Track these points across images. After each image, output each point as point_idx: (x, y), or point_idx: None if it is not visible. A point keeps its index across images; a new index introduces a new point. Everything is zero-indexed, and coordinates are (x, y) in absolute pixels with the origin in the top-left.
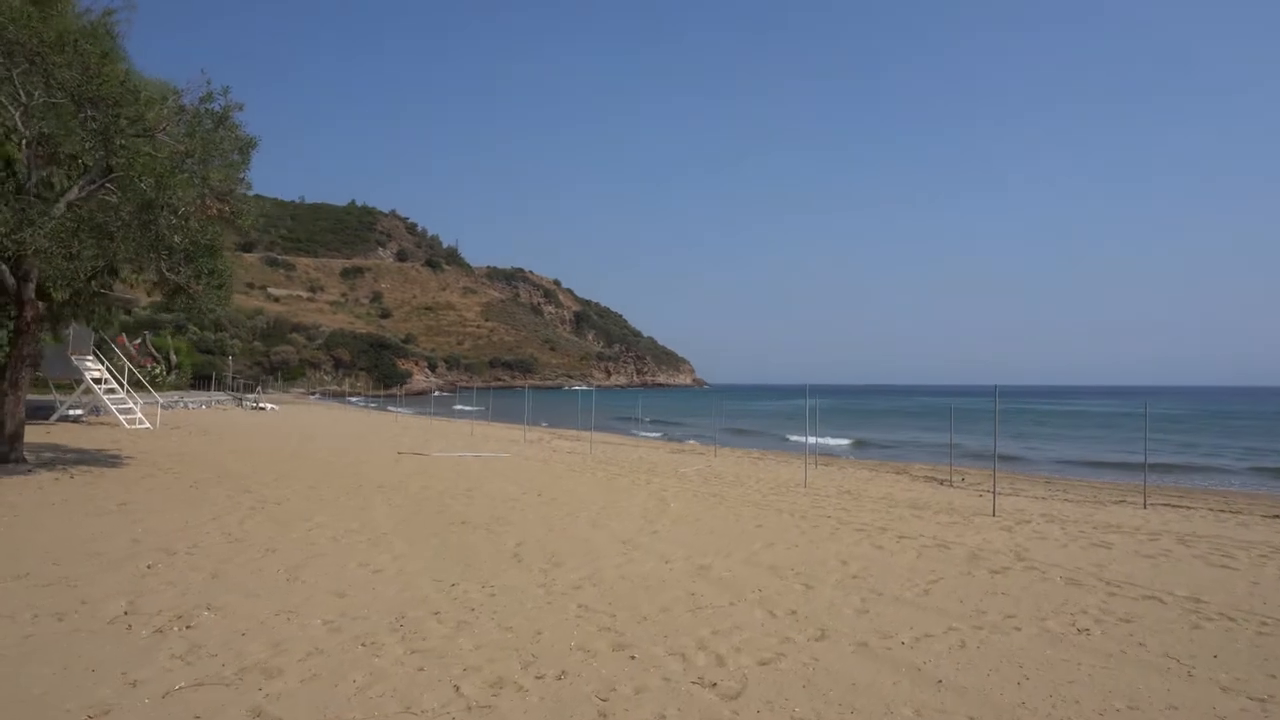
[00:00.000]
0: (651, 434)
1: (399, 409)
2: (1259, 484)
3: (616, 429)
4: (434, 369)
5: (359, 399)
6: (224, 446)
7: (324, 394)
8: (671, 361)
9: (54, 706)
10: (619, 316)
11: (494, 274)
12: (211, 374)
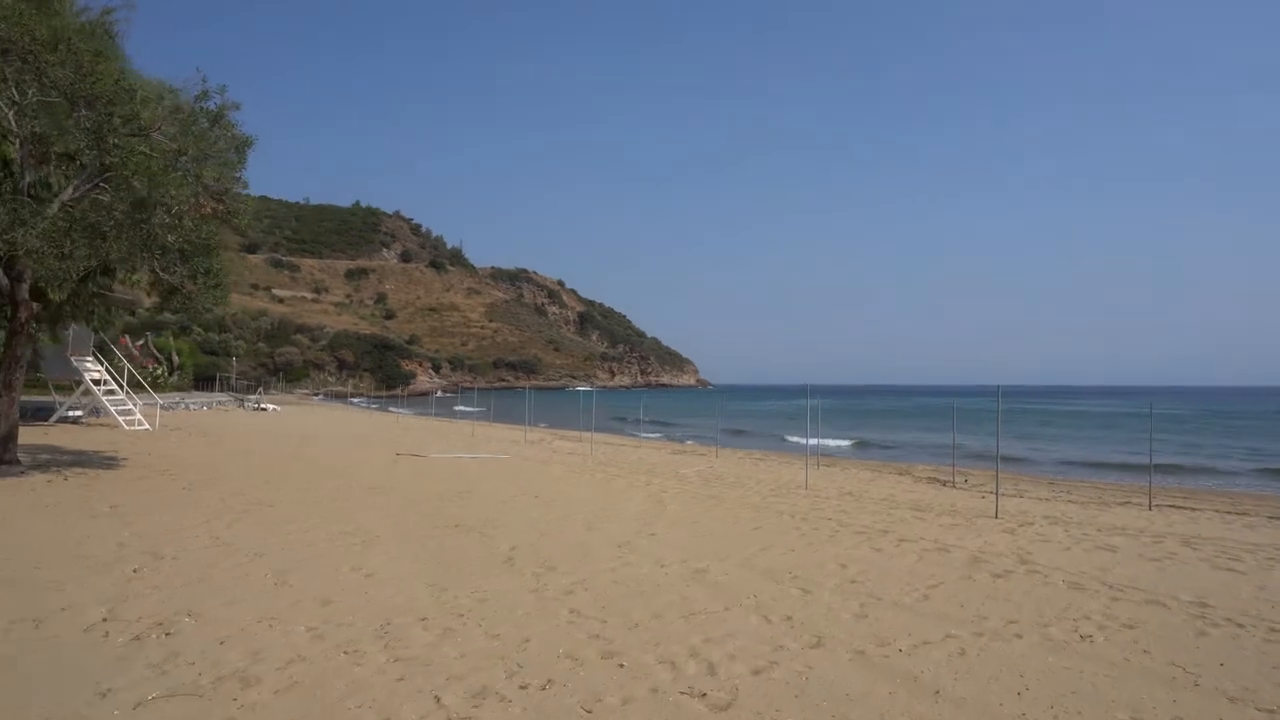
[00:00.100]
0: (653, 435)
1: (400, 410)
2: (1264, 485)
3: (618, 430)
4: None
5: (361, 400)
6: (222, 448)
7: (327, 395)
8: (675, 362)
9: (16, 719)
10: (623, 317)
11: (498, 274)
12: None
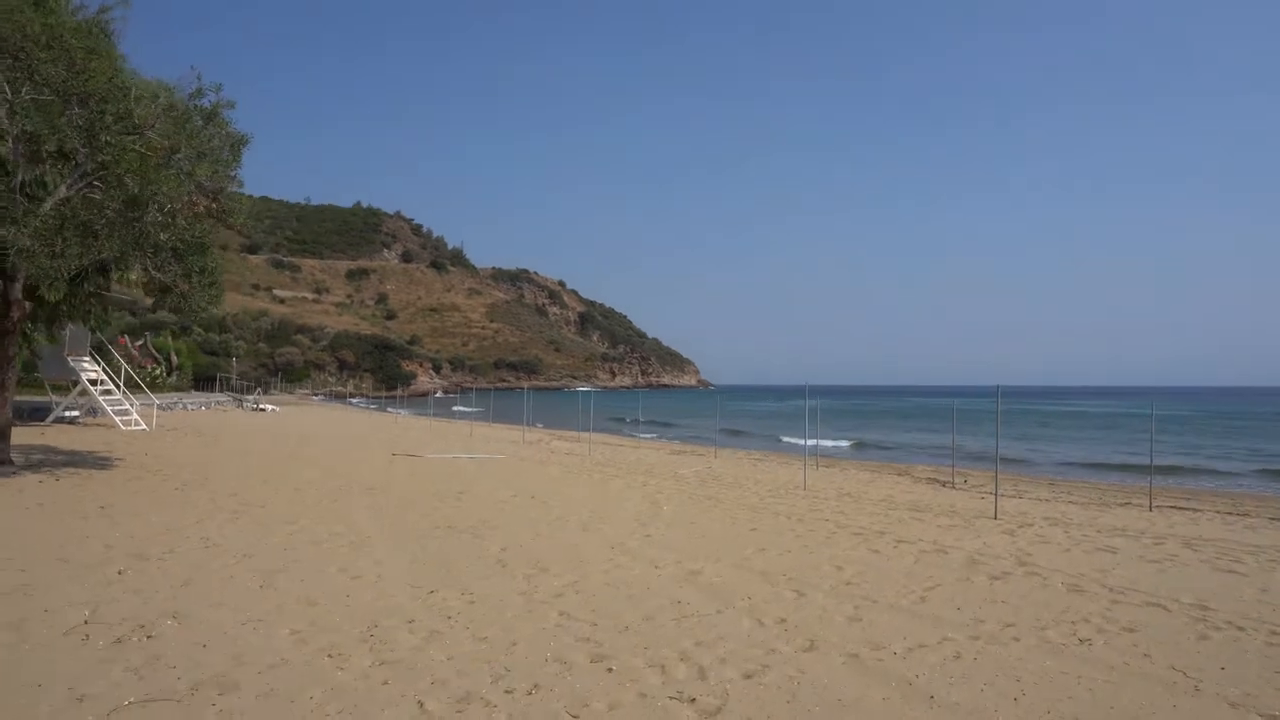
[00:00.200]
0: (651, 435)
1: (399, 410)
2: (1266, 486)
3: (617, 430)
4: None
5: (360, 400)
6: (217, 449)
7: (328, 395)
8: (676, 362)
9: None
10: (623, 317)
11: (499, 275)
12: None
